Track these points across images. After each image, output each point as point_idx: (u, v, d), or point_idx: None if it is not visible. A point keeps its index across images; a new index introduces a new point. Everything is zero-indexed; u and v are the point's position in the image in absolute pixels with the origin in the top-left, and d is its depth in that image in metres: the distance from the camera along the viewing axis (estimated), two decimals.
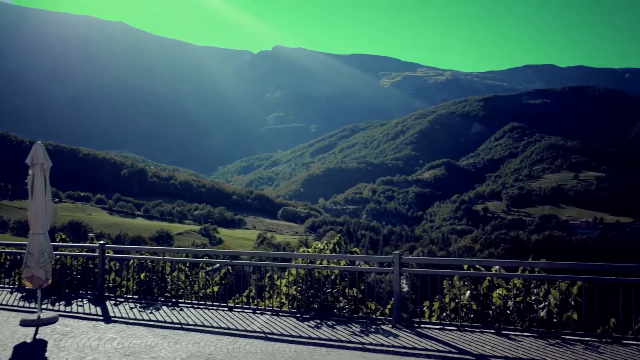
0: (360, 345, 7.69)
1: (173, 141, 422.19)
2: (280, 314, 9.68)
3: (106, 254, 11.52)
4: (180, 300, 10.75)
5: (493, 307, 8.96)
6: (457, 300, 9.08)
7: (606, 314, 8.07)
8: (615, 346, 7.59)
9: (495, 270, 9.08)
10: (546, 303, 8.62)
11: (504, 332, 8.32)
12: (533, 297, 8.71)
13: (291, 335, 8.26)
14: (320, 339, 8.09)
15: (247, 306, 10.20)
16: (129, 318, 9.51)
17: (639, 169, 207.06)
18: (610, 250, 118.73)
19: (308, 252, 10.61)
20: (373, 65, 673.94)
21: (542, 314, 8.62)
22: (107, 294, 11.43)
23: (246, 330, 8.59)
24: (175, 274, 11.27)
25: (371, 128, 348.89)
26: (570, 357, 7.08)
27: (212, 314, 9.76)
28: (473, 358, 7.10)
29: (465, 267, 9.36)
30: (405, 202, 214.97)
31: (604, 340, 7.84)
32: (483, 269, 9.27)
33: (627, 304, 7.96)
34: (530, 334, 8.17)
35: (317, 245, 11.04)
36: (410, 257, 10.27)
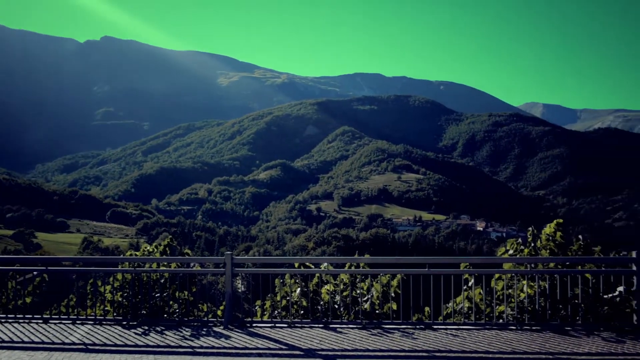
0: (190, 350, 7.50)
1: None
2: (104, 322, 9.02)
3: None
4: None
5: (322, 302, 9.36)
6: (288, 298, 9.31)
7: (421, 303, 8.86)
8: (427, 331, 8.38)
9: (324, 267, 9.49)
10: (369, 296, 9.24)
11: (331, 325, 8.71)
12: (358, 291, 9.26)
13: (115, 345, 7.76)
14: (147, 346, 7.71)
15: (66, 317, 9.32)
16: None
17: (450, 173, 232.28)
18: (427, 245, 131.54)
19: (136, 255, 10.07)
20: (210, 63, 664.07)
21: (366, 306, 9.23)
22: None
23: (64, 343, 7.86)
24: None
25: (208, 127, 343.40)
26: (388, 345, 7.65)
27: (24, 328, 8.76)
28: (302, 353, 7.32)
29: (297, 265, 9.65)
30: (242, 203, 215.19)
31: (418, 327, 8.60)
32: (313, 266, 9.64)
33: (438, 292, 8.85)
34: (355, 326, 8.66)
35: (146, 247, 10.55)
36: (245, 257, 10.30)
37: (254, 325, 8.82)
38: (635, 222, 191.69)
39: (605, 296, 8.78)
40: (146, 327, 8.67)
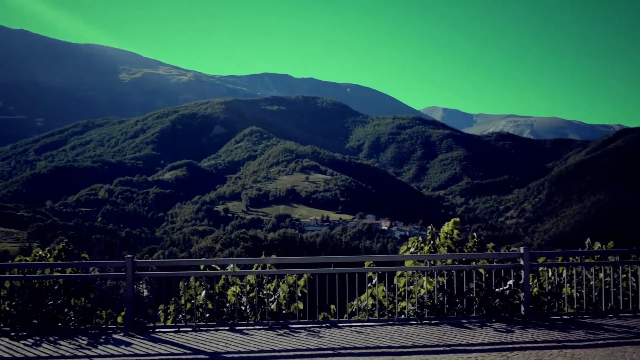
0: (86, 359, 7.11)
1: None
2: None
3: None
4: None
5: (228, 304, 9.24)
6: (192, 301, 9.10)
7: (327, 302, 9.01)
8: (333, 329, 8.52)
9: (230, 269, 9.37)
10: (276, 296, 9.25)
11: (237, 327, 8.62)
12: (265, 292, 9.24)
13: (1, 358, 7.19)
14: (38, 357, 7.21)
15: None
16: None
17: (357, 173, 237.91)
18: (334, 245, 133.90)
19: (26, 260, 9.39)
20: (111, 57, 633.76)
21: (273, 306, 9.22)
22: None
23: None
24: None
25: (108, 125, 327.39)
26: (294, 344, 7.70)
27: None
28: (207, 357, 7.18)
29: (202, 267, 9.46)
30: (146, 204, 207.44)
31: (324, 325, 8.73)
32: (219, 268, 9.49)
33: (343, 291, 9.03)
34: (261, 327, 8.63)
35: (38, 252, 9.87)
36: (148, 260, 9.94)
37: (157, 330, 8.53)
38: (525, 220, 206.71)
39: (497, 289, 9.38)
40: (37, 338, 8.12)
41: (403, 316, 9.13)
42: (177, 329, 8.57)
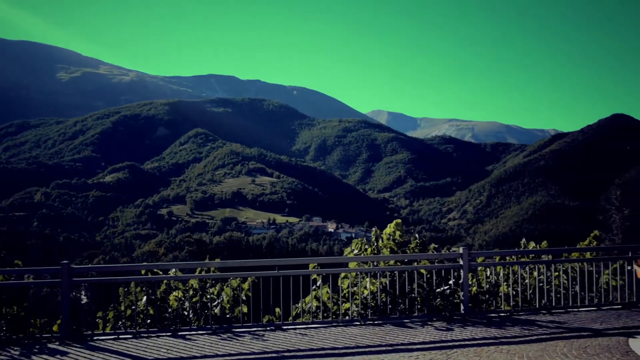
0: None
1: None
2: None
3: None
4: None
5: (170, 309, 9.06)
6: (133, 307, 8.87)
7: (271, 304, 8.98)
8: (277, 332, 8.51)
9: (172, 273, 9.20)
10: (219, 300, 9.15)
11: (180, 333, 8.47)
12: (208, 296, 9.12)
13: None
14: None
15: None
16: None
17: (303, 176, 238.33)
18: (280, 248, 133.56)
19: None
20: (48, 56, 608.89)
21: (216, 310, 9.12)
22: None
23: None
24: None
25: (45, 126, 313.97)
26: (238, 348, 7.64)
27: None
28: None
29: (143, 272, 9.24)
30: (85, 208, 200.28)
31: (268, 328, 8.71)
32: (161, 273, 9.30)
33: (288, 293, 9.03)
34: (204, 332, 8.51)
35: None
36: (86, 266, 9.62)
37: (95, 338, 8.27)
38: (467, 221, 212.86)
39: (438, 289, 9.63)
40: None
41: (347, 317, 9.22)
42: (116, 336, 8.34)
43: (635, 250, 10.30)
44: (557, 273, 10.36)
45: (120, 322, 8.84)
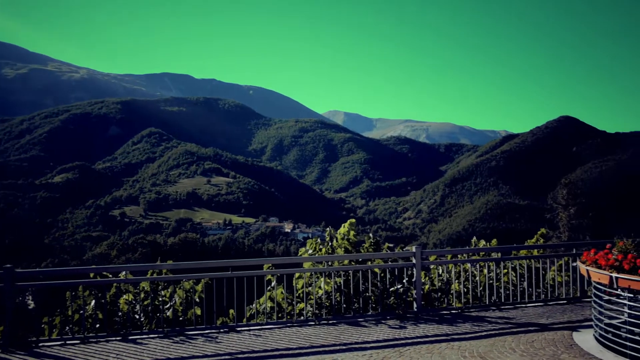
0: None
1: None
2: None
3: None
4: None
5: (120, 313, 8.84)
6: (81, 312, 8.60)
7: (225, 306, 8.87)
8: (231, 334, 8.41)
9: (123, 276, 8.97)
10: (172, 303, 8.98)
11: (130, 337, 8.26)
12: (160, 299, 8.94)
13: None
14: None
15: None
16: None
17: (260, 176, 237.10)
18: (237, 248, 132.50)
19: None
20: None
21: (168, 313, 8.95)
22: None
23: None
24: None
25: None
26: (190, 351, 7.51)
27: None
28: None
29: (92, 275, 8.98)
30: (33, 209, 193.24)
31: (222, 330, 8.60)
32: (111, 276, 9.06)
33: (242, 294, 8.95)
34: (156, 335, 8.33)
35: None
36: (32, 269, 9.27)
37: (41, 345, 7.97)
38: (421, 220, 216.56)
39: (392, 288, 9.74)
40: None
41: (302, 317, 9.22)
42: (63, 342, 8.06)
43: (580, 247, 10.70)
44: (506, 270, 10.66)
45: (67, 328, 8.56)
